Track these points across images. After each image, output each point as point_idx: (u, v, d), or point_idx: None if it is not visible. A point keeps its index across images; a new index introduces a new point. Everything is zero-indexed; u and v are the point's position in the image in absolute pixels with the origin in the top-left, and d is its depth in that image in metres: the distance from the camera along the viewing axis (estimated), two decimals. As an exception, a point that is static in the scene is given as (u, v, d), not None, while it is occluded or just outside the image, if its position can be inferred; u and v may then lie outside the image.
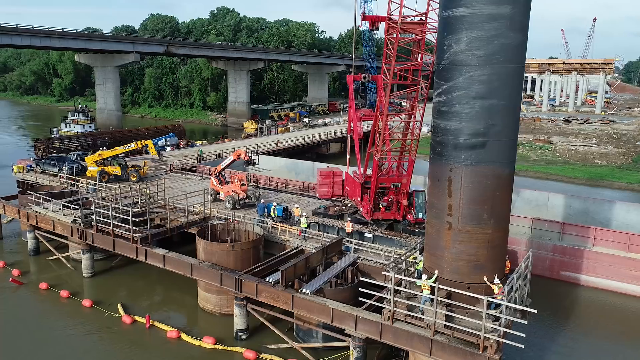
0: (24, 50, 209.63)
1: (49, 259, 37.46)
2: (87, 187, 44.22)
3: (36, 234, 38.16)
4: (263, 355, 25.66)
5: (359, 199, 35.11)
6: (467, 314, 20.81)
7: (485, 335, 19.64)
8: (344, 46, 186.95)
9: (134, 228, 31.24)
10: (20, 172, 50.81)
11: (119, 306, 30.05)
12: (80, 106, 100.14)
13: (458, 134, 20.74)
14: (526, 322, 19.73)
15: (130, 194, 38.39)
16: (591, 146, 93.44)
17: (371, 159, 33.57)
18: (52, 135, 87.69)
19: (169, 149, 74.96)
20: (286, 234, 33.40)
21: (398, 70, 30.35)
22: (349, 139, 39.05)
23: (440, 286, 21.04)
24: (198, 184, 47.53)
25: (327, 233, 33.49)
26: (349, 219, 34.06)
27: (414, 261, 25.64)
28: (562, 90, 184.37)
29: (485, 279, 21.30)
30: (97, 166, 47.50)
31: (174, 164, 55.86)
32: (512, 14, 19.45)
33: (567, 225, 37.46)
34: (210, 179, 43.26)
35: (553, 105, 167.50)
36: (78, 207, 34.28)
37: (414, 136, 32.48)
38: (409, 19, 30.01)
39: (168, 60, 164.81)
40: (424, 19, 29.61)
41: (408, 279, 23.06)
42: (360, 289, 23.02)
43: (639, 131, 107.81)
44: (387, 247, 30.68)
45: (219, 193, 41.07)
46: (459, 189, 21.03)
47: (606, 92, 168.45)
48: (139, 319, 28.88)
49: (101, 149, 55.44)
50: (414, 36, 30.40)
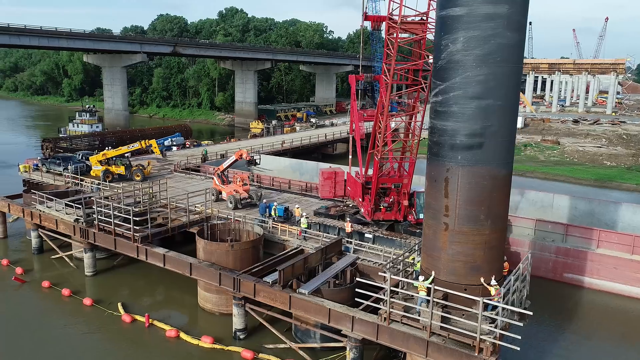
0: (34, 50, 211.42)
1: (53, 257, 37.77)
2: (91, 186, 44.53)
3: (40, 233, 38.47)
4: (261, 355, 25.66)
5: (360, 199, 35.04)
6: (463, 315, 20.67)
7: (481, 337, 19.50)
8: (352, 46, 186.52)
9: (134, 227, 31.42)
10: (26, 171, 51.29)
11: (119, 305, 30.22)
12: (87, 106, 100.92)
13: (455, 134, 20.59)
14: (522, 324, 19.55)
15: (133, 194, 38.62)
16: (600, 147, 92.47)
17: (372, 160, 33.45)
18: (60, 135, 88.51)
19: (175, 148, 75.19)
20: (286, 234, 33.38)
21: (398, 70, 30.23)
22: (350, 139, 38.97)
23: (436, 287, 20.93)
24: (202, 183, 47.62)
25: (328, 233, 33.45)
26: (349, 219, 33.97)
27: (412, 262, 25.53)
28: (572, 91, 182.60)
29: (482, 280, 21.14)
30: (102, 166, 47.83)
31: (178, 163, 56.10)
32: (509, 13, 19.26)
33: (571, 227, 37.08)
34: (213, 178, 43.40)
35: (563, 106, 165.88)
36: (80, 206, 34.52)
37: (415, 137, 32.34)
38: (409, 19, 29.88)
39: (176, 60, 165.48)
40: (424, 18, 29.44)
41: (405, 279, 22.91)
42: (357, 289, 22.93)
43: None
44: (387, 247, 30.58)
45: (221, 193, 41.17)
46: (455, 189, 20.89)
47: (618, 93, 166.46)
48: (138, 317, 29.01)
49: (107, 148, 55.80)
50: (414, 36, 30.28)
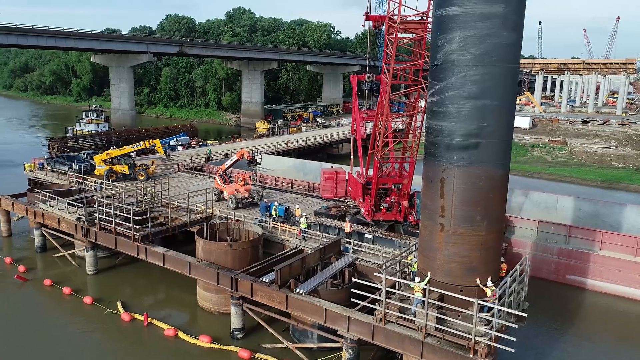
0: (44, 51, 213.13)
1: (55, 256, 38.01)
2: (95, 185, 44.80)
3: (43, 232, 38.75)
4: (258, 355, 25.66)
5: (360, 199, 34.98)
6: (459, 317, 20.54)
7: (476, 338, 19.37)
8: (360, 46, 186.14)
9: (134, 226, 31.55)
10: (31, 170, 51.74)
11: (118, 304, 30.34)
12: (94, 106, 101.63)
13: (451, 134, 20.49)
14: (517, 326, 19.39)
15: (135, 193, 38.80)
16: (609, 148, 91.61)
17: (373, 160, 33.36)
18: (67, 135, 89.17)
19: (180, 148, 75.64)
20: (286, 234, 33.38)
21: (398, 70, 30.15)
22: (352, 139, 38.91)
23: (432, 288, 20.83)
24: (205, 183, 47.73)
25: (328, 234, 33.40)
26: (348, 219, 33.90)
27: (409, 263, 25.41)
28: (582, 91, 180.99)
29: (478, 281, 21.00)
30: (106, 165, 48.10)
31: (182, 163, 56.30)
32: (505, 13, 19.14)
33: (574, 228, 36.73)
34: (215, 178, 43.52)
35: (573, 106, 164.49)
36: (82, 205, 34.72)
37: (416, 137, 32.21)
38: (409, 19, 29.80)
39: (184, 60, 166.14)
40: (424, 18, 29.34)
41: (401, 280, 22.82)
42: (353, 290, 22.86)
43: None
44: (386, 248, 30.48)
45: (222, 192, 41.26)
46: (451, 190, 20.77)
47: (629, 93, 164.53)
48: (137, 316, 29.12)
49: (111, 148, 56.15)
50: (415, 36, 30.17)
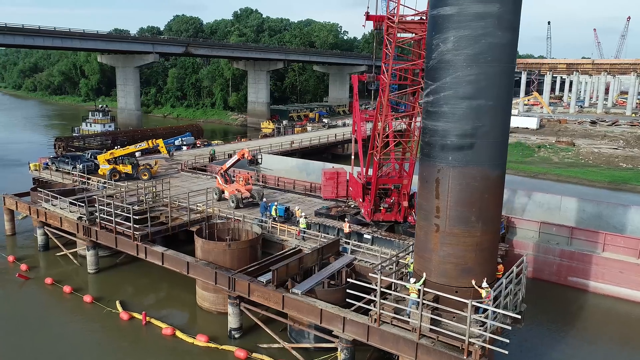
0: (53, 51, 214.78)
1: (57, 254, 38.26)
2: (98, 185, 45.07)
3: (45, 230, 39.04)
4: (254, 355, 25.67)
5: (360, 199, 34.91)
6: (454, 318, 20.43)
7: (470, 340, 19.26)
8: (367, 46, 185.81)
9: (134, 226, 31.69)
10: (36, 170, 52.18)
11: (117, 303, 30.48)
12: (100, 106, 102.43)
13: (445, 134, 20.37)
14: (510, 328, 19.25)
15: (137, 192, 38.98)
16: (617, 149, 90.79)
17: (373, 160, 33.29)
18: (73, 134, 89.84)
19: (185, 148, 76.02)
20: (285, 234, 33.39)
21: (397, 70, 30.06)
22: (353, 140, 38.86)
23: (426, 289, 20.74)
24: (207, 183, 47.84)
25: (327, 234, 33.37)
26: (347, 219, 33.84)
27: (407, 263, 25.31)
28: (592, 92, 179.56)
29: (473, 282, 20.88)
30: (109, 165, 48.37)
31: (185, 163, 56.50)
32: (500, 12, 18.99)
33: (576, 230, 36.43)
34: (216, 178, 43.65)
35: (582, 107, 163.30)
36: (83, 205, 34.94)
37: (415, 137, 32.08)
38: (409, 18, 29.71)
39: (191, 60, 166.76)
40: (424, 18, 29.21)
41: (395, 281, 22.73)
42: (348, 290, 22.82)
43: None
44: (385, 248, 30.40)
45: (224, 192, 41.36)
46: (446, 190, 20.66)
47: (639, 93, 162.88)
48: (136, 315, 29.24)
49: (115, 147, 56.45)
50: (414, 36, 30.08)
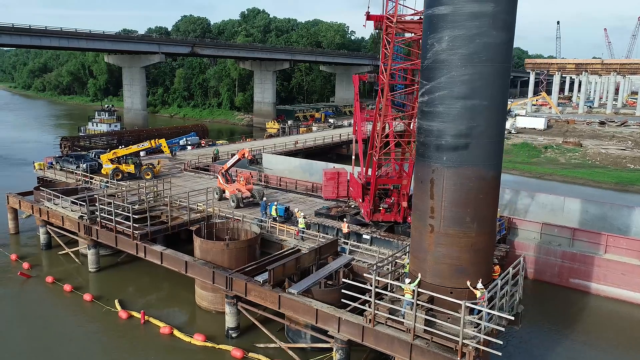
0: (62, 51, 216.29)
1: (60, 253, 38.52)
2: (100, 184, 45.32)
3: (48, 229, 39.31)
4: (250, 355, 25.69)
5: (360, 200, 34.84)
6: (448, 319, 20.32)
7: (464, 341, 19.15)
8: (375, 47, 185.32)
9: (134, 225, 31.82)
10: (41, 169, 52.58)
11: (116, 302, 30.61)
12: (106, 106, 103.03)
13: (440, 134, 20.27)
14: (503, 329, 19.12)
15: (138, 192, 39.15)
16: (625, 149, 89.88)
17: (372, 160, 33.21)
18: (80, 134, 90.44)
19: (189, 148, 76.31)
20: (284, 234, 33.39)
21: (396, 70, 29.98)
22: (353, 140, 38.79)
23: (421, 290, 20.66)
24: (210, 182, 47.95)
25: (327, 234, 33.34)
26: (345, 220, 33.79)
27: (403, 263, 25.23)
28: (602, 92, 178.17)
29: (468, 283, 20.76)
30: (112, 164, 48.62)
31: (188, 162, 56.68)
32: (495, 12, 18.86)
33: (578, 231, 36.13)
34: (217, 177, 43.77)
35: (591, 107, 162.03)
36: (84, 204, 35.14)
37: (415, 137, 31.92)
38: (408, 18, 29.62)
39: (198, 61, 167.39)
40: (422, 17, 29.06)
41: (391, 281, 22.66)
42: (343, 290, 22.76)
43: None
44: (384, 249, 30.33)
45: (224, 191, 41.46)
46: (441, 191, 20.55)
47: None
48: (134, 314, 29.36)
49: (120, 147, 56.75)
50: (413, 35, 29.97)
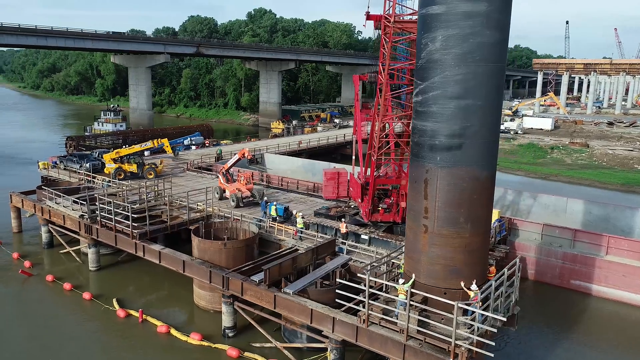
0: (70, 52, 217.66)
1: (61, 252, 38.77)
2: (103, 183, 45.58)
3: (50, 228, 39.57)
4: (246, 354, 25.72)
5: (359, 200, 34.78)
6: (442, 319, 20.24)
7: (457, 342, 19.06)
8: (375, 47, 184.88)
9: (133, 224, 31.96)
10: (45, 168, 52.96)
11: (114, 300, 30.74)
12: (112, 105, 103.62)
13: (434, 134, 20.20)
14: (496, 331, 19.00)
15: (139, 191, 39.32)
16: (632, 150, 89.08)
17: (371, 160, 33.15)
18: (85, 134, 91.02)
19: (194, 147, 76.62)
20: (282, 233, 33.41)
21: (394, 70, 29.91)
22: (354, 140, 38.71)
23: (414, 291, 20.60)
24: (212, 182, 48.05)
25: (326, 234, 33.33)
26: (343, 220, 33.75)
27: (399, 264, 25.16)
28: (611, 92, 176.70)
29: (462, 284, 20.66)
30: (115, 164, 48.87)
31: (191, 162, 56.87)
32: (488, 11, 18.78)
33: (579, 232, 35.85)
34: (218, 177, 43.89)
35: (600, 108, 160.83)
36: (85, 203, 35.35)
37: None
38: (406, 18, 29.56)
39: (205, 61, 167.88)
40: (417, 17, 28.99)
41: (385, 282, 22.59)
42: (338, 290, 22.72)
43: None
44: (381, 249, 30.27)
45: (225, 191, 41.57)
46: (434, 191, 20.48)
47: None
48: (133, 312, 29.49)
49: (124, 147, 57.05)
50: (412, 35, 29.86)
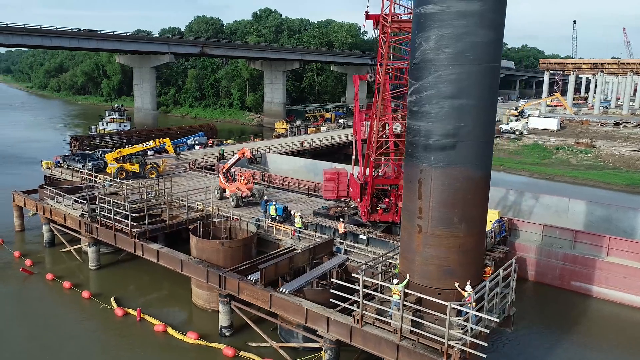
0: (78, 52, 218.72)
1: (62, 251, 39.01)
2: (105, 183, 45.81)
3: (51, 227, 39.81)
4: (242, 353, 25.76)
5: (358, 200, 34.76)
6: (436, 320, 20.17)
7: (450, 343, 18.99)
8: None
9: (132, 223, 32.09)
10: (48, 168, 53.31)
11: (112, 299, 30.87)
12: (116, 105, 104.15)
13: (428, 134, 20.13)
14: (488, 331, 18.92)
15: (139, 191, 39.47)
16: (638, 151, 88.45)
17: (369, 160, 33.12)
18: (90, 133, 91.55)
19: (197, 147, 76.88)
20: (281, 233, 33.43)
21: (392, 69, 29.86)
22: (353, 140, 38.72)
23: (408, 291, 20.54)
24: (213, 181, 48.19)
25: (324, 234, 33.33)
26: (342, 220, 33.74)
27: (395, 264, 25.11)
28: (618, 92, 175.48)
29: (456, 285, 20.58)
30: (117, 163, 49.11)
31: (193, 162, 57.03)
32: (482, 10, 18.68)
33: (580, 233, 35.62)
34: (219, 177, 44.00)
35: (607, 108, 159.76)
36: (85, 202, 35.53)
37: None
38: (405, 17, 29.50)
39: (210, 61, 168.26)
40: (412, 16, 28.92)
41: (379, 282, 22.55)
42: (333, 290, 22.71)
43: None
44: (379, 249, 30.21)
45: (225, 190, 41.67)
46: (429, 191, 20.41)
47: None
48: (131, 311, 29.61)
49: (126, 146, 57.29)
50: (408, 34, 29.79)
